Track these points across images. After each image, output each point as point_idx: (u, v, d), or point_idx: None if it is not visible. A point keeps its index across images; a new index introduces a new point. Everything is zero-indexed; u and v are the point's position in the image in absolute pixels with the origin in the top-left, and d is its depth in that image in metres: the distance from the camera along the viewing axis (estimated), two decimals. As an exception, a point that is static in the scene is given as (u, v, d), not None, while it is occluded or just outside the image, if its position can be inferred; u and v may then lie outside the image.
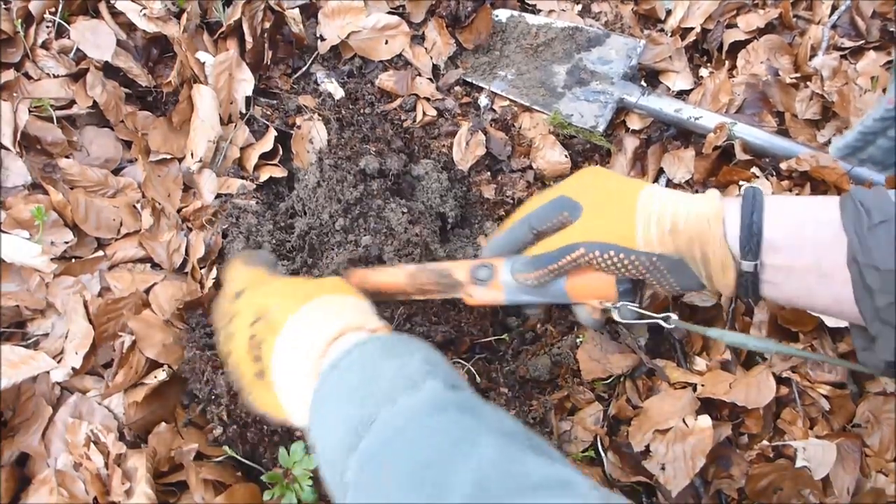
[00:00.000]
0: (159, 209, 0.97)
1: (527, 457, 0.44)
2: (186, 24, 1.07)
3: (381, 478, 0.46)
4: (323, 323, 0.60)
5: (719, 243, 0.61)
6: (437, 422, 0.47)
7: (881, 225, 0.53)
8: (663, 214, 0.64)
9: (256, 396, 0.64)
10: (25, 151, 0.94)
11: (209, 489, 0.78)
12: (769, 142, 1.04)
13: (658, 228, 0.63)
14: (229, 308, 0.68)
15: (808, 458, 0.82)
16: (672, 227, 0.63)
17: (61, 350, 0.84)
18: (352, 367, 0.54)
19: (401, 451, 0.46)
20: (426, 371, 0.52)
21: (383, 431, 0.48)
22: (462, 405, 0.49)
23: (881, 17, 1.20)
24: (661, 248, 0.64)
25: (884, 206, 0.53)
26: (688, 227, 0.62)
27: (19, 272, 0.87)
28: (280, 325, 0.61)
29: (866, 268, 0.53)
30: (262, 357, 0.62)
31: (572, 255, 0.67)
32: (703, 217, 0.62)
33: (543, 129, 1.15)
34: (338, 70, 1.19)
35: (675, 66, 1.22)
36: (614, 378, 0.93)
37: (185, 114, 1.04)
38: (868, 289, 0.53)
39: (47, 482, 0.75)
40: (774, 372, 0.89)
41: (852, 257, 0.54)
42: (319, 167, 1.02)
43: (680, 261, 0.64)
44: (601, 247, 0.65)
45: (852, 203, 0.56)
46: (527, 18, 1.26)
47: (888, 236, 0.52)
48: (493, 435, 0.46)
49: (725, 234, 0.61)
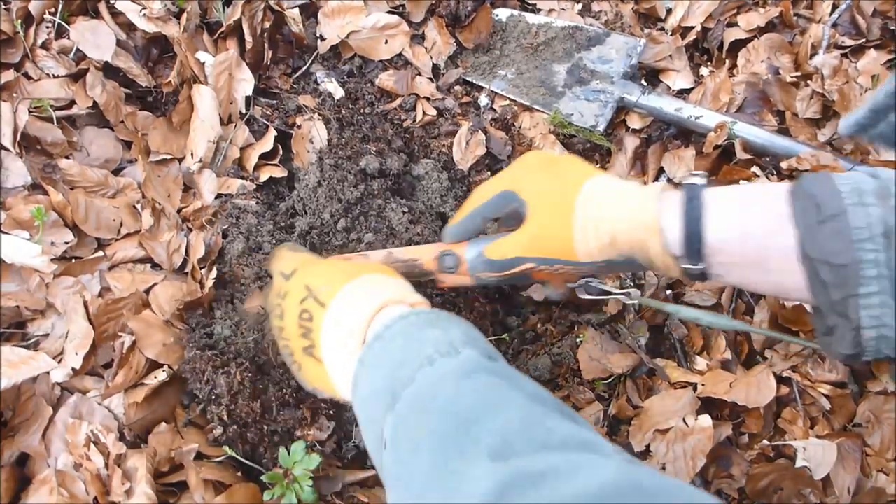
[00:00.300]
0: (159, 209, 0.97)
1: (553, 419, 0.46)
2: (186, 24, 1.07)
3: (413, 432, 0.48)
4: (366, 299, 0.62)
5: (660, 251, 0.61)
6: (471, 383, 0.49)
7: (831, 218, 0.52)
8: (600, 225, 0.63)
9: (306, 371, 0.66)
10: (25, 152, 0.94)
11: (209, 489, 0.78)
12: (770, 141, 1.04)
13: (597, 241, 0.64)
14: (282, 286, 0.70)
15: (809, 457, 0.82)
16: (611, 240, 0.63)
17: (61, 350, 0.84)
18: (394, 337, 0.56)
19: (433, 407, 0.48)
20: (465, 341, 0.54)
21: (419, 390, 0.50)
22: (497, 371, 0.51)
23: (882, 16, 1.20)
24: (602, 257, 0.64)
25: (834, 200, 0.53)
26: (626, 238, 0.62)
27: (19, 272, 0.87)
28: (327, 301, 0.63)
29: (819, 263, 0.53)
30: (311, 332, 0.64)
31: (523, 267, 0.69)
32: (641, 225, 0.61)
33: (543, 128, 1.15)
34: (338, 70, 1.19)
35: (675, 65, 1.22)
36: (614, 378, 0.92)
37: (185, 114, 1.04)
38: (822, 283, 0.53)
39: (47, 482, 0.75)
40: (775, 371, 0.89)
41: (804, 253, 0.54)
42: (320, 167, 1.02)
43: (625, 261, 0.64)
44: (547, 261, 0.67)
45: (802, 196, 0.55)
46: (527, 18, 1.26)
47: (839, 230, 0.52)
48: (524, 398, 0.48)
49: (666, 241, 0.60)
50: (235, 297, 0.95)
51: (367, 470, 0.86)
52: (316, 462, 0.78)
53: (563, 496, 0.39)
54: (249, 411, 0.82)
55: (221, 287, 0.96)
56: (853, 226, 0.51)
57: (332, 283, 0.64)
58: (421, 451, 0.46)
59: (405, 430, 0.49)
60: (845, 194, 0.52)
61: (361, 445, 0.88)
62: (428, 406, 0.49)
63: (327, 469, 0.82)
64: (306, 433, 0.83)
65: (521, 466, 0.41)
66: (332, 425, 0.86)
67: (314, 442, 0.83)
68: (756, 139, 1.05)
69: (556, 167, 0.70)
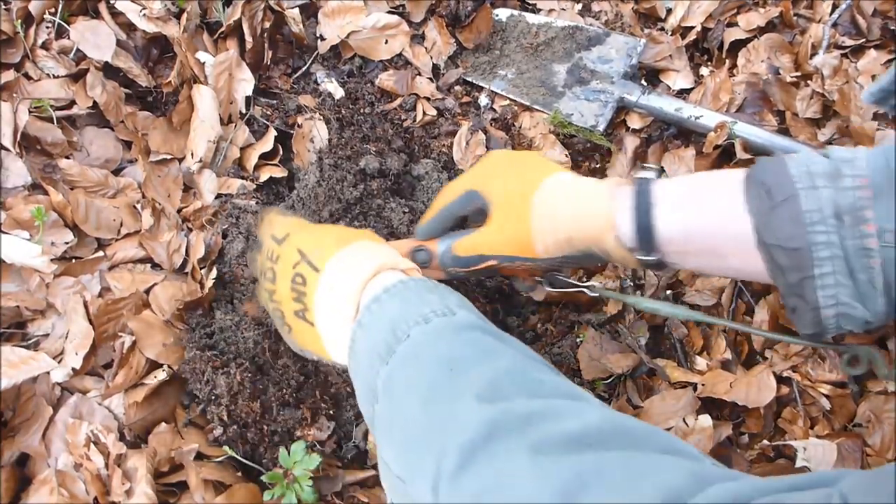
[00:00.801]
0: (159, 209, 0.97)
1: (543, 372, 0.49)
2: (186, 24, 1.07)
3: (405, 381, 0.50)
4: (359, 265, 0.63)
5: (615, 244, 0.62)
6: (464, 337, 0.52)
7: (783, 203, 0.53)
8: (555, 223, 0.65)
9: (297, 334, 0.67)
10: (25, 152, 0.94)
11: (209, 489, 0.78)
12: (770, 141, 1.04)
13: (553, 237, 0.66)
14: (273, 249, 0.70)
15: (809, 457, 0.82)
16: (566, 237, 0.65)
17: (61, 350, 0.84)
18: (392, 299, 0.58)
19: (425, 357, 0.51)
20: (460, 304, 0.57)
21: (413, 344, 0.52)
22: (490, 331, 0.54)
23: (882, 16, 1.19)
24: (559, 252, 0.66)
25: (784, 185, 0.54)
26: (581, 235, 0.64)
27: (19, 272, 0.87)
28: (321, 266, 0.64)
29: (774, 248, 0.54)
30: (304, 296, 0.65)
31: (487, 263, 0.72)
32: (595, 221, 0.63)
33: (544, 128, 1.15)
34: (338, 70, 1.19)
35: (675, 65, 1.22)
36: (615, 377, 0.92)
37: (185, 114, 1.04)
38: (780, 267, 0.54)
39: (48, 482, 0.75)
40: (775, 371, 0.89)
41: (759, 239, 0.55)
42: (319, 167, 1.02)
43: (583, 255, 0.66)
44: (509, 258, 0.70)
45: (754, 183, 0.56)
46: (527, 17, 1.26)
47: (791, 214, 0.53)
48: (515, 352, 0.51)
49: (619, 236, 0.62)
50: (235, 297, 0.95)
51: (366, 470, 0.86)
52: (316, 462, 0.79)
53: (549, 434, 0.41)
54: (249, 411, 0.82)
55: (221, 287, 0.96)
56: (804, 209, 0.52)
57: (326, 248, 0.66)
58: (411, 397, 0.49)
59: (397, 380, 0.51)
60: (796, 178, 0.53)
61: (361, 445, 0.88)
62: (421, 356, 0.51)
63: (327, 469, 0.82)
64: (306, 433, 0.83)
65: (508, 408, 0.44)
66: (332, 425, 0.86)
67: (314, 442, 0.83)
68: (756, 139, 1.05)
69: (518, 166, 0.73)
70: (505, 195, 0.70)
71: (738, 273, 0.61)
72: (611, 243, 0.62)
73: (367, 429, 0.88)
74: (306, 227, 0.73)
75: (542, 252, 0.67)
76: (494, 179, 0.72)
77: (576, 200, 0.65)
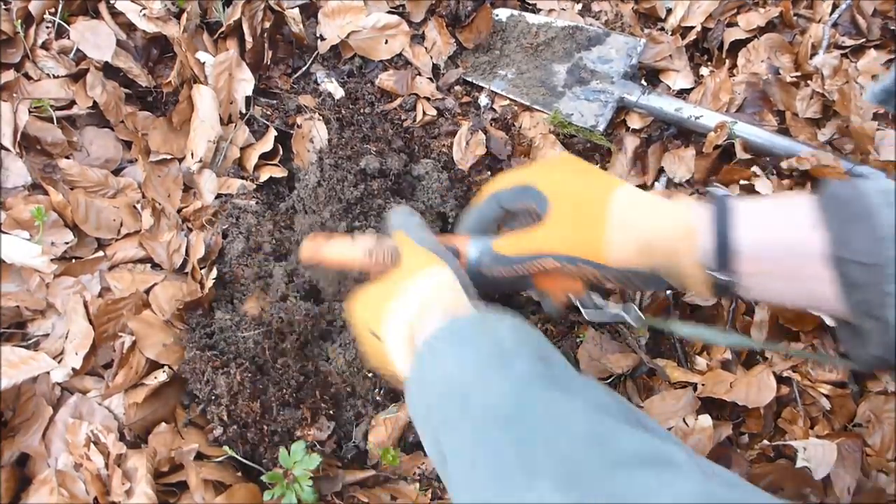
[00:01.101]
0: (159, 209, 0.97)
1: (621, 430, 0.44)
2: (186, 24, 1.07)
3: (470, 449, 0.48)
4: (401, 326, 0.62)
5: (693, 260, 0.61)
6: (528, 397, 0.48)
7: (859, 219, 0.52)
8: (636, 230, 0.63)
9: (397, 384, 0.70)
10: (25, 152, 0.94)
11: (209, 489, 0.78)
12: (770, 141, 1.04)
13: (632, 246, 0.63)
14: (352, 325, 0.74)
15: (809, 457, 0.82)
16: (646, 246, 0.63)
17: (61, 350, 0.84)
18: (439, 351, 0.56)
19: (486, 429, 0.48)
20: (516, 342, 0.54)
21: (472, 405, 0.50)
22: (553, 379, 0.50)
23: (882, 16, 1.19)
24: (631, 264, 0.64)
25: (861, 200, 0.53)
26: (662, 246, 0.62)
27: (19, 272, 0.87)
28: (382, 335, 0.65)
29: (850, 264, 0.53)
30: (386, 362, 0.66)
31: (541, 263, 0.68)
32: (676, 233, 0.62)
33: (544, 128, 1.15)
34: (338, 70, 1.19)
35: (675, 65, 1.22)
36: (615, 377, 0.92)
37: (185, 114, 1.04)
38: (853, 284, 0.53)
39: (48, 482, 0.75)
40: (775, 371, 0.89)
41: (833, 255, 0.54)
42: (320, 167, 1.02)
43: (652, 274, 0.64)
44: (571, 259, 0.66)
45: (829, 199, 0.55)
46: (527, 17, 1.26)
47: (868, 229, 0.51)
48: (586, 409, 0.46)
49: (699, 248, 0.60)
50: (235, 297, 0.95)
51: (366, 470, 0.86)
52: (316, 462, 0.78)
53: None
54: (249, 411, 0.82)
55: (221, 287, 0.96)
56: (881, 224, 0.51)
57: (377, 315, 0.66)
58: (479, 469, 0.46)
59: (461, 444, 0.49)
60: (872, 195, 0.53)
61: (361, 445, 0.88)
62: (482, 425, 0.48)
63: (327, 469, 0.82)
64: (306, 433, 0.83)
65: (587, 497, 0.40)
66: (332, 425, 0.86)
67: (314, 442, 0.83)
68: (756, 139, 1.05)
69: (584, 172, 0.71)
70: (574, 197, 0.68)
71: (811, 298, 0.58)
72: (691, 258, 0.61)
73: (367, 429, 0.88)
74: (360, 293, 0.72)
75: (615, 260, 0.64)
76: (556, 179, 0.70)
77: (656, 212, 0.64)
